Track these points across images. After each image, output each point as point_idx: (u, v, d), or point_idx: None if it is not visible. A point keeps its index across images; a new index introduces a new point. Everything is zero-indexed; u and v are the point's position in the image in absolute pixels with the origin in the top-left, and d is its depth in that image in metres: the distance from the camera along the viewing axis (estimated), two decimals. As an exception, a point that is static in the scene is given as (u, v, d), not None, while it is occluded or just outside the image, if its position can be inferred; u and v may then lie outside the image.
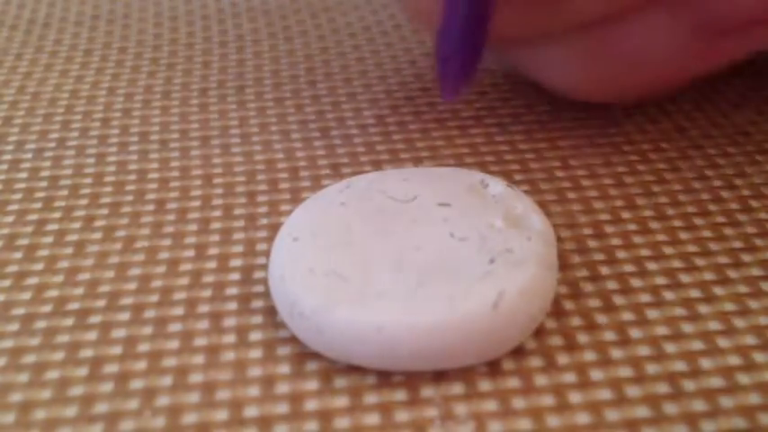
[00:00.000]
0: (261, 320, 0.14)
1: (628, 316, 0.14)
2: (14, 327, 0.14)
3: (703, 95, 0.20)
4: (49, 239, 0.16)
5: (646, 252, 0.15)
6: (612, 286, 0.14)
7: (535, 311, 0.13)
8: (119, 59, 0.22)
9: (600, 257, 0.15)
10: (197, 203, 0.17)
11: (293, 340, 0.13)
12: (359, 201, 0.14)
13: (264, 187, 0.17)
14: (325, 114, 0.20)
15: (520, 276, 0.13)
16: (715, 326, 0.14)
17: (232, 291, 0.14)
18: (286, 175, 0.17)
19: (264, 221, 0.16)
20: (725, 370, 0.13)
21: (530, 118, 0.19)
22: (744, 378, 0.13)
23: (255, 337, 0.13)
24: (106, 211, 0.16)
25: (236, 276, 0.15)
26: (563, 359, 0.13)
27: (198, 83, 0.21)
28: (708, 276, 0.15)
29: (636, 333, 0.13)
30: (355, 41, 0.23)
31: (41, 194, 0.17)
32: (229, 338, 0.13)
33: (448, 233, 0.14)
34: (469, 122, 0.19)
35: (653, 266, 0.15)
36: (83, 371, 0.13)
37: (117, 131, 0.19)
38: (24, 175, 0.18)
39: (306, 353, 0.13)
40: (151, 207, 0.17)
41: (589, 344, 0.13)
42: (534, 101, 0.20)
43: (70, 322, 0.14)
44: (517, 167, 0.17)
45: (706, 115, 0.19)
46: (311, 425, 0.12)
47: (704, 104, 0.20)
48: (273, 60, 0.22)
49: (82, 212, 0.16)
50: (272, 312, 0.14)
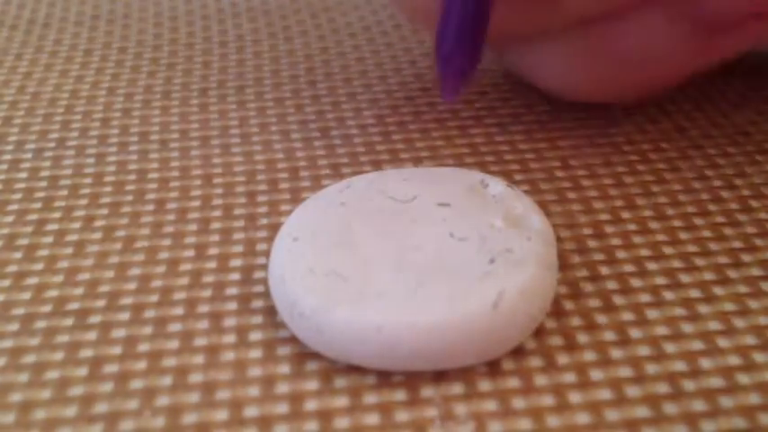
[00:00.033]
0: (261, 320, 0.14)
1: (628, 316, 0.14)
2: (14, 327, 0.14)
3: (703, 95, 0.20)
4: (49, 239, 0.16)
5: (646, 252, 0.15)
6: (612, 286, 0.14)
7: (535, 311, 0.13)
8: (119, 59, 0.22)
9: (600, 257, 0.15)
10: (197, 203, 0.17)
11: (293, 340, 0.13)
12: (359, 201, 0.14)
13: (264, 187, 0.17)
14: (326, 114, 0.20)
15: (520, 276, 0.13)
16: (715, 326, 0.14)
17: (232, 291, 0.14)
18: (286, 175, 0.17)
19: (264, 221, 0.16)
20: (725, 370, 0.13)
21: (530, 118, 0.19)
22: (744, 378, 0.13)
23: (255, 337, 0.13)
24: (106, 211, 0.16)
25: (236, 276, 0.15)
26: (563, 359, 0.13)
27: (198, 83, 0.21)
28: (708, 276, 0.15)
29: (636, 333, 0.13)
30: (355, 41, 0.23)
31: (41, 194, 0.17)
32: (229, 338, 0.13)
33: (448, 233, 0.14)
34: (469, 122, 0.19)
35: (653, 266, 0.15)
36: (83, 371, 0.13)
37: (117, 131, 0.19)
38: (24, 175, 0.18)
39: (306, 353, 0.13)
40: (151, 207, 0.17)
41: (589, 344, 0.13)
42: (534, 101, 0.20)
43: (70, 322, 0.14)
44: (517, 167, 0.17)
45: (706, 115, 0.19)
46: (311, 425, 0.12)
47: (704, 104, 0.20)
48: (273, 60, 0.22)
49: (82, 212, 0.16)
50: (272, 312, 0.14)
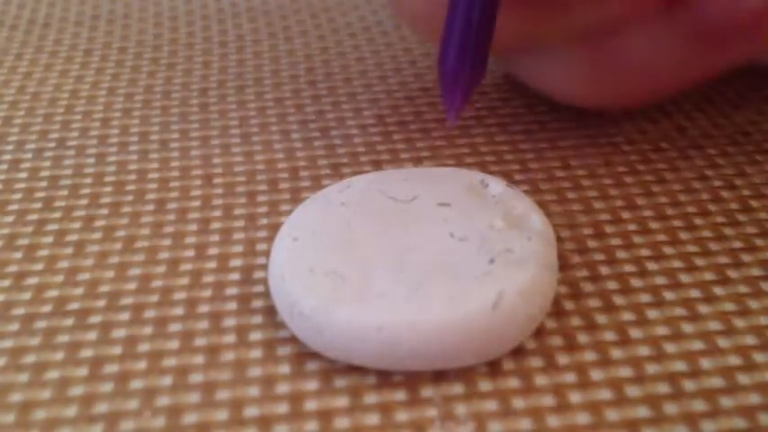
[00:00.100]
0: (261, 320, 0.14)
1: (628, 316, 0.14)
2: (14, 327, 0.14)
3: (703, 95, 0.20)
4: (49, 239, 0.16)
5: (646, 252, 0.15)
6: (612, 286, 0.14)
7: (535, 311, 0.13)
8: (119, 59, 0.22)
9: (600, 257, 0.15)
10: (197, 203, 0.17)
11: (293, 340, 0.13)
12: (359, 201, 0.14)
13: (264, 187, 0.17)
14: (326, 114, 0.20)
15: (520, 276, 0.13)
16: (715, 326, 0.14)
17: (232, 291, 0.14)
18: (286, 175, 0.17)
19: (264, 221, 0.16)
20: (725, 370, 0.13)
21: (530, 118, 0.19)
22: (744, 378, 0.13)
23: (255, 337, 0.13)
24: (106, 211, 0.16)
25: (236, 276, 0.15)
26: (563, 359, 0.13)
27: (198, 83, 0.21)
28: (708, 276, 0.15)
29: (636, 333, 0.13)
30: (355, 41, 0.23)
31: (41, 194, 0.17)
32: (229, 338, 0.13)
33: (448, 233, 0.14)
34: (470, 122, 0.19)
35: (653, 266, 0.15)
36: (83, 371, 0.13)
37: (117, 131, 0.19)
38: (24, 175, 0.18)
39: (306, 353, 0.13)
40: (151, 207, 0.17)
41: (589, 344, 0.13)
42: (534, 101, 0.20)
43: (70, 322, 0.14)
44: (517, 167, 0.17)
45: (706, 115, 0.19)
46: (311, 425, 0.12)
47: (704, 104, 0.20)
48: (273, 60, 0.22)
49: (82, 212, 0.16)
50: (272, 312, 0.14)
